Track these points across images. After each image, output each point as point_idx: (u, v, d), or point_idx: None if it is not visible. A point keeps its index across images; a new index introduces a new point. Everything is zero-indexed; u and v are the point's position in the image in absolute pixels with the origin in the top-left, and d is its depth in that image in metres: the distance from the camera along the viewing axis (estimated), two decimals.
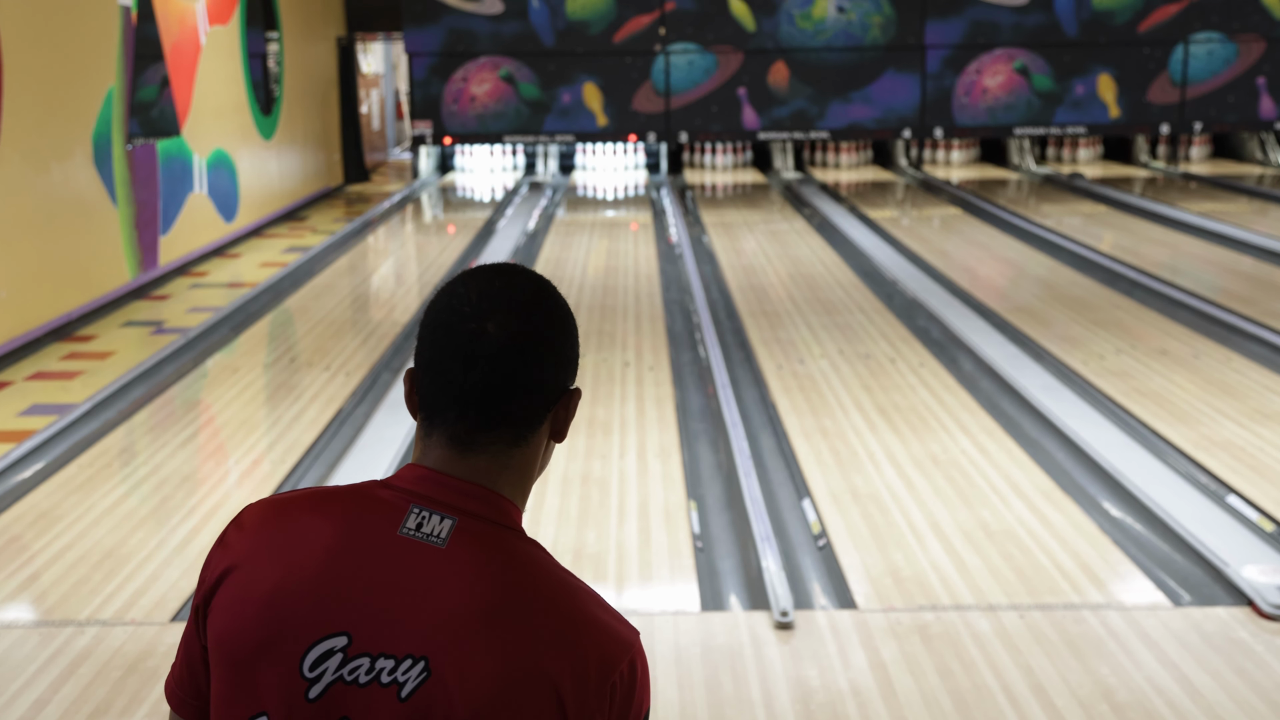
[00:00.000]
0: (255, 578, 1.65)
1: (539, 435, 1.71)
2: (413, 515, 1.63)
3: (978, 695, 4.36)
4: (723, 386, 7.97)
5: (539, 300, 1.69)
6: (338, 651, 1.59)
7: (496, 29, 19.02)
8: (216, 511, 6.18)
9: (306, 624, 1.61)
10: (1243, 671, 4.50)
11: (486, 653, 1.57)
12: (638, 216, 16.13)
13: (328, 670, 1.59)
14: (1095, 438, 6.84)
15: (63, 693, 4.45)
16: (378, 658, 1.58)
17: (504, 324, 1.64)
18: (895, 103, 19.43)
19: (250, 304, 10.82)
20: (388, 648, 1.58)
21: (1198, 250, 12.91)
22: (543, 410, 1.69)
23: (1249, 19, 19.20)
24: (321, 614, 1.61)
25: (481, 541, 1.64)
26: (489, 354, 1.64)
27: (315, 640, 1.60)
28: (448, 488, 1.65)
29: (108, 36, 10.77)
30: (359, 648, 1.59)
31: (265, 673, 1.62)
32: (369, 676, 1.58)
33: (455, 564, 1.61)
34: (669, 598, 5.20)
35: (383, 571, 1.61)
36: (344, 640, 1.59)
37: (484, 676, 1.56)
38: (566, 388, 1.72)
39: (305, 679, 1.59)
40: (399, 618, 1.59)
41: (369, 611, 1.60)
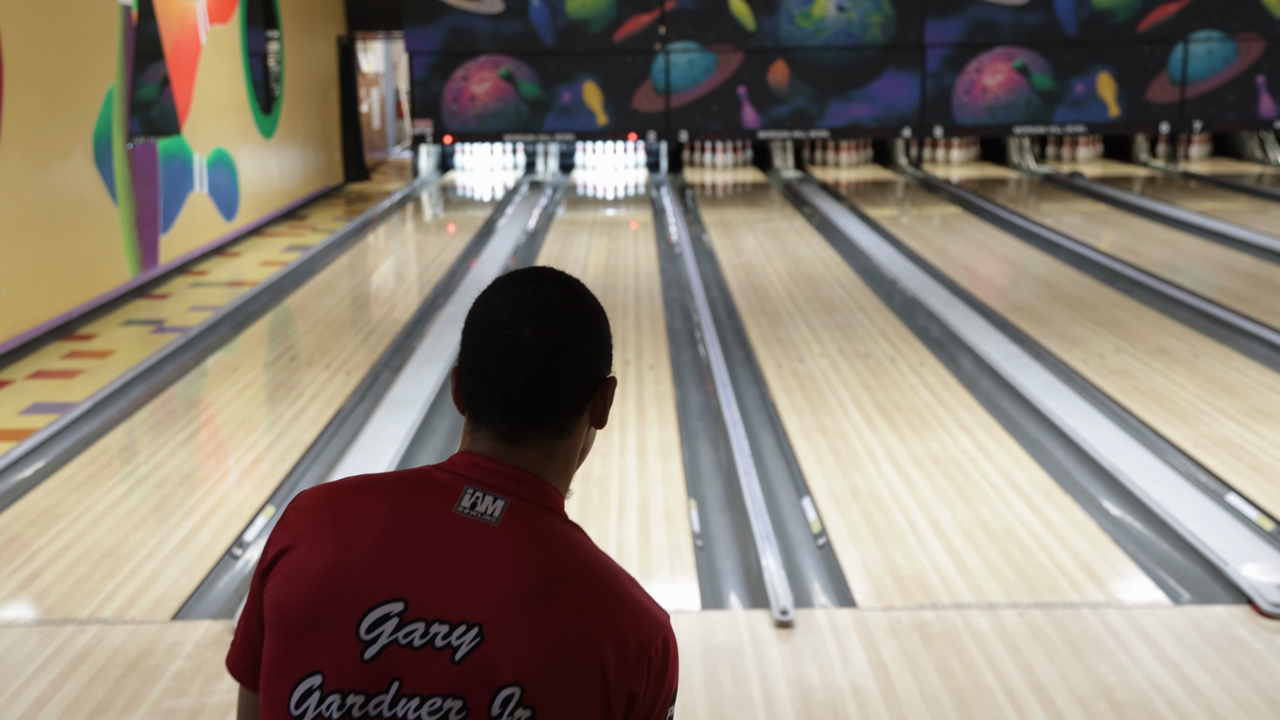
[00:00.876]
0: (313, 551, 1.75)
1: (580, 426, 1.84)
2: (467, 495, 1.75)
3: (977, 694, 4.36)
4: (722, 385, 7.97)
5: (570, 302, 1.81)
6: (394, 616, 1.69)
7: (496, 28, 19.02)
8: (217, 510, 6.18)
9: (363, 591, 1.70)
10: (1242, 670, 4.50)
11: (536, 624, 1.68)
12: (638, 215, 16.13)
13: (383, 633, 1.69)
14: (1095, 436, 6.84)
15: (63, 691, 4.46)
16: (432, 623, 1.68)
17: (539, 329, 1.76)
18: (895, 101, 19.43)
19: (250, 303, 10.82)
20: (443, 614, 1.69)
21: (1197, 249, 12.91)
22: (582, 403, 1.83)
23: (1248, 18, 19.19)
24: (378, 582, 1.71)
25: (530, 523, 1.75)
26: (527, 358, 1.76)
27: (372, 606, 1.70)
28: (499, 474, 1.77)
29: (108, 35, 10.77)
30: (415, 613, 1.69)
31: (320, 637, 1.71)
32: (423, 640, 1.68)
33: (506, 542, 1.72)
34: (669, 596, 5.20)
35: (438, 544, 1.72)
36: (400, 606, 1.69)
37: (534, 646, 1.67)
38: (603, 378, 1.85)
39: (361, 641, 1.69)
40: (454, 587, 1.70)
41: (425, 580, 1.70)
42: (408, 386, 7.98)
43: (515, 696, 1.66)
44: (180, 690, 4.45)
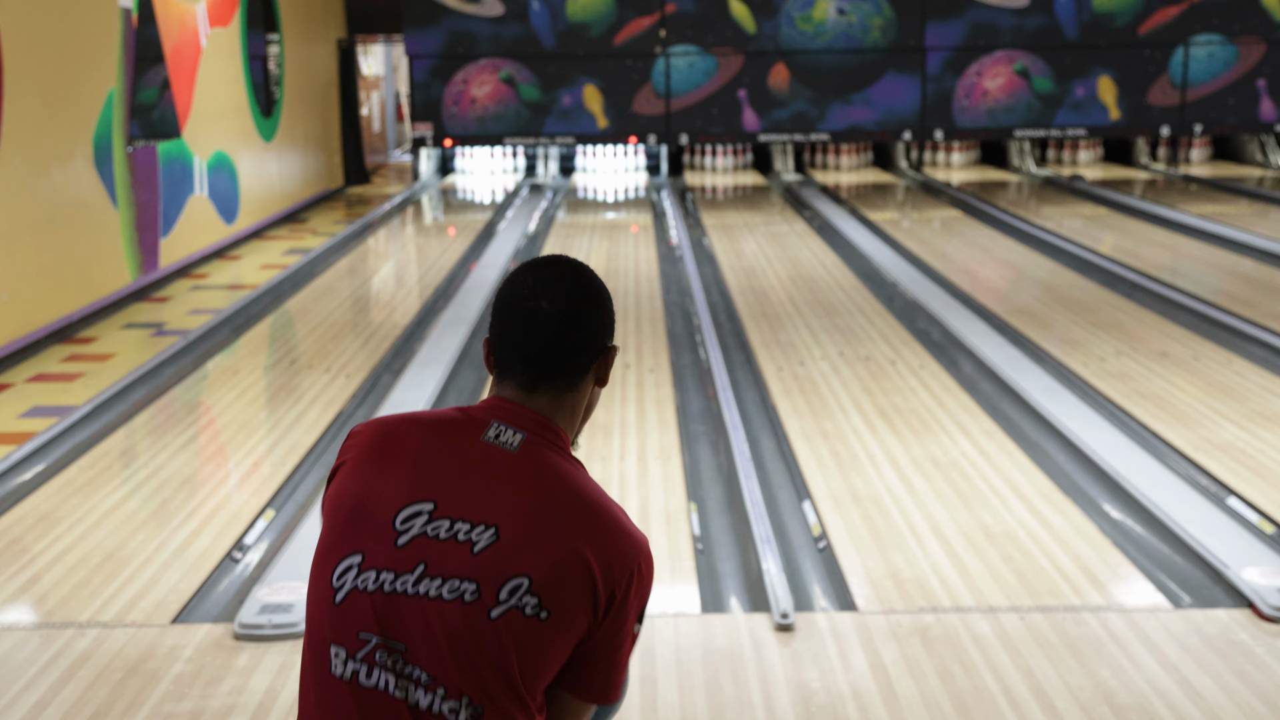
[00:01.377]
0: (362, 464, 2.19)
1: (586, 382, 2.26)
2: (493, 428, 2.18)
3: (978, 698, 4.35)
4: (723, 389, 7.97)
5: (578, 282, 2.24)
6: (424, 513, 2.09)
7: (497, 31, 19.02)
8: (217, 513, 6.18)
9: (400, 493, 2.12)
10: (1243, 674, 4.49)
11: (541, 535, 2.08)
12: (638, 218, 16.12)
13: (415, 526, 2.09)
14: (1095, 440, 6.83)
15: (63, 695, 4.45)
16: (456, 521, 2.09)
17: (553, 302, 2.20)
18: (895, 105, 19.42)
19: (251, 306, 10.82)
20: (466, 515, 2.09)
21: (1198, 252, 12.91)
22: (587, 364, 2.25)
23: (1249, 21, 19.19)
24: (413, 487, 2.12)
25: (542, 455, 2.17)
26: (544, 324, 2.20)
27: (406, 504, 2.11)
28: (519, 415, 2.20)
29: (108, 38, 10.77)
30: (442, 512, 2.10)
31: (363, 526, 2.12)
32: (448, 534, 2.08)
33: (522, 467, 2.14)
34: (669, 600, 5.19)
35: (466, 462, 2.14)
36: (430, 506, 2.10)
37: (538, 552, 2.07)
38: (605, 345, 2.27)
39: (395, 530, 2.09)
40: (476, 495, 2.11)
41: (452, 488, 2.11)
42: (408, 390, 7.97)
43: (524, 585, 2.05)
44: (180, 694, 4.45)
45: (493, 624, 2.04)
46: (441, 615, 2.04)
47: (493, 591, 2.04)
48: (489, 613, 2.04)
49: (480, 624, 2.04)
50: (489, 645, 2.04)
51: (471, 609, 2.04)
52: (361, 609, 2.07)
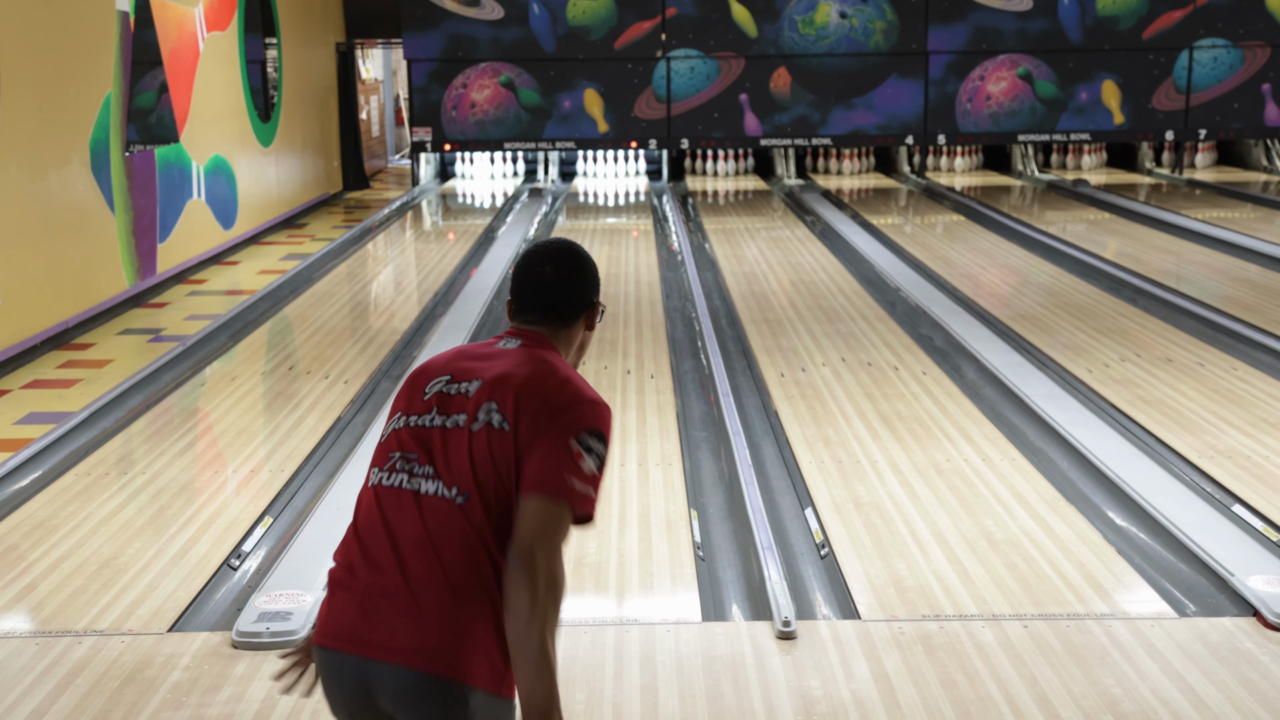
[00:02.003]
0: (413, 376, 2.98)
1: (576, 326, 3.02)
2: (502, 340, 2.97)
3: (981, 706, 4.32)
4: (724, 394, 7.93)
5: (571, 256, 3.03)
6: (442, 381, 2.87)
7: (496, 35, 19.00)
8: (214, 520, 6.14)
9: (430, 376, 2.91)
10: (1248, 682, 4.46)
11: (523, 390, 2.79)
12: (639, 223, 16.11)
13: (435, 389, 2.87)
14: (1099, 446, 6.79)
15: (60, 704, 4.42)
16: (461, 382, 2.85)
17: (555, 268, 3.00)
18: (898, 109, 19.40)
19: (248, 311, 10.79)
20: (467, 378, 2.85)
21: (1202, 258, 12.88)
22: (577, 312, 3.02)
23: (1254, 25, 19.17)
24: (438, 371, 2.91)
25: (532, 351, 2.91)
26: (546, 284, 3.00)
27: (434, 379, 2.89)
28: (524, 333, 2.98)
29: (105, 42, 10.74)
30: (453, 380, 2.87)
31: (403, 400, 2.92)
32: (455, 390, 2.84)
33: (514, 354, 2.90)
34: (670, 607, 5.16)
35: (478, 356, 2.92)
36: (447, 377, 2.88)
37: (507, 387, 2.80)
38: (591, 301, 3.04)
39: (423, 393, 2.88)
40: (478, 369, 2.87)
41: (464, 368, 2.89)
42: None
43: (494, 407, 2.77)
44: (178, 702, 4.42)
45: (474, 435, 2.76)
46: (443, 435, 2.79)
47: (474, 415, 2.78)
48: (471, 428, 2.77)
49: (465, 436, 2.77)
50: (472, 449, 2.75)
51: (462, 429, 2.78)
52: (392, 441, 2.87)
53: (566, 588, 2.70)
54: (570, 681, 4.52)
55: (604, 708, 4.36)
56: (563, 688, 4.47)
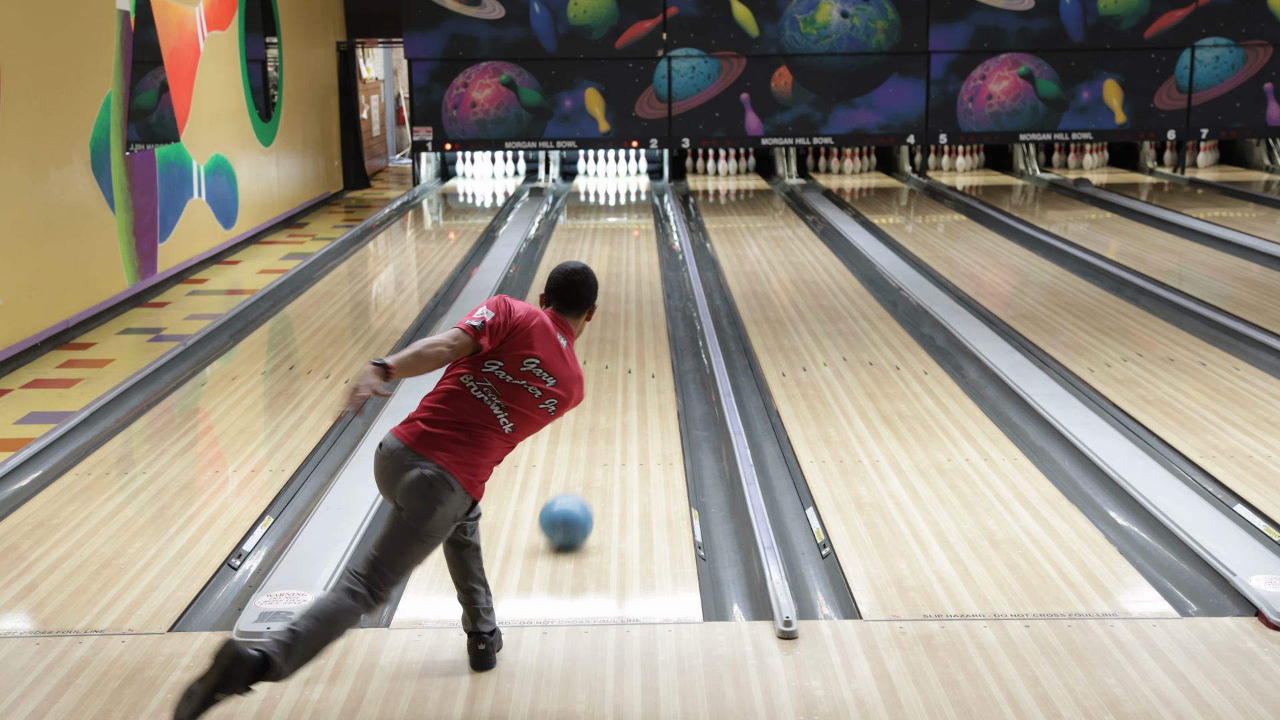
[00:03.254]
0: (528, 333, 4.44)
1: (583, 318, 4.62)
2: (560, 335, 4.51)
3: (983, 706, 4.31)
4: (725, 394, 7.93)
5: (586, 274, 4.59)
6: (534, 363, 4.40)
7: (497, 34, 19.00)
8: (215, 520, 6.14)
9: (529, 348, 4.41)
10: (1250, 682, 4.45)
11: (563, 381, 4.44)
12: (640, 223, 16.10)
13: (529, 367, 4.38)
14: (1101, 446, 6.79)
15: (60, 703, 4.41)
16: (546, 375, 4.40)
17: (581, 279, 4.58)
18: (899, 108, 19.40)
19: (249, 311, 10.78)
20: (550, 373, 4.41)
21: (1204, 257, 12.87)
22: (587, 306, 4.60)
23: (1256, 25, 19.16)
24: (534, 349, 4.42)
25: (572, 351, 4.55)
26: (577, 290, 4.56)
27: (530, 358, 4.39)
28: (563, 324, 4.56)
29: (106, 41, 10.74)
30: (541, 367, 4.40)
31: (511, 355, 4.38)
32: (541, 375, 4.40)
33: (568, 361, 4.49)
34: (671, 607, 5.16)
35: (558, 357, 4.46)
36: (538, 362, 4.40)
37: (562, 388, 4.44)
38: (594, 303, 4.63)
39: (521, 364, 4.37)
40: (556, 372, 4.44)
41: (549, 363, 4.42)
42: (408, 396, 7.91)
43: (554, 401, 4.45)
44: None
45: (538, 408, 4.41)
46: (520, 392, 4.37)
47: (543, 399, 4.41)
48: (538, 404, 4.41)
49: (534, 404, 4.40)
50: (532, 410, 4.41)
51: (535, 399, 4.39)
52: (488, 377, 4.37)
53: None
54: (571, 681, 4.52)
55: (605, 707, 4.35)
56: (564, 688, 4.47)
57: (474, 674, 4.57)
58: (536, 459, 6.88)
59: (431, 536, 4.29)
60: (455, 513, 4.31)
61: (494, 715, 4.31)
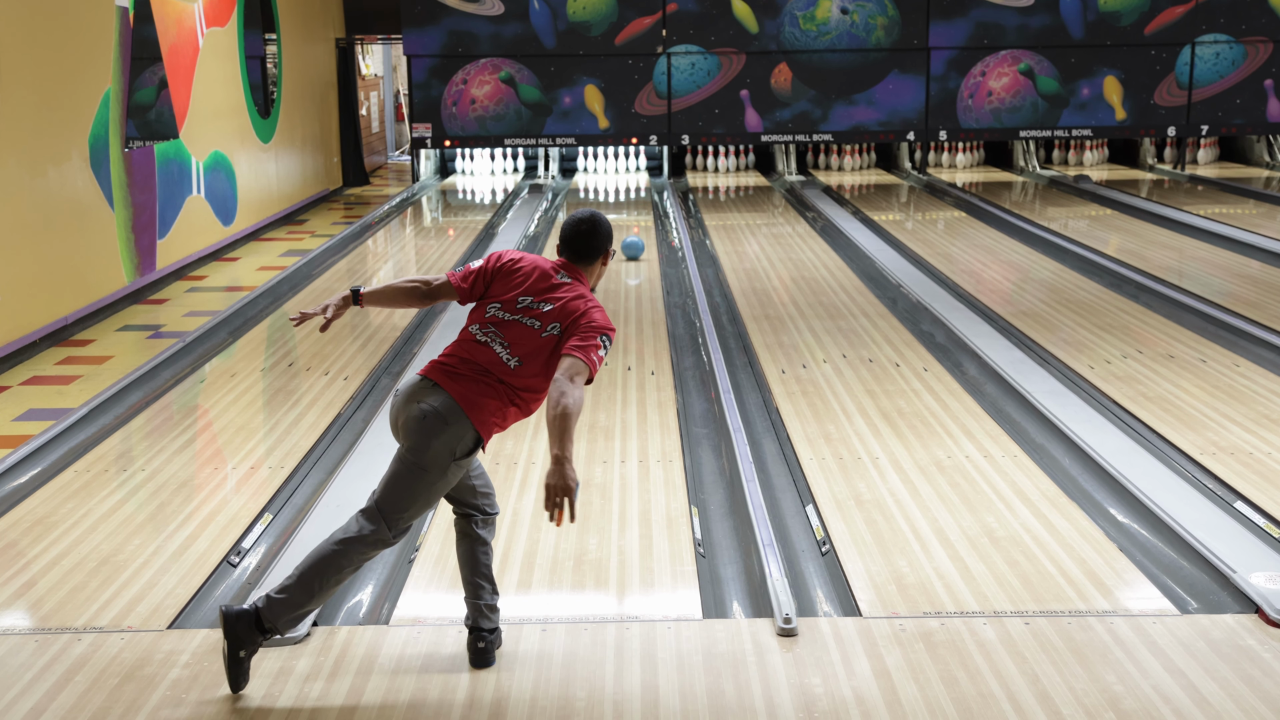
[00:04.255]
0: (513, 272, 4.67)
1: (595, 265, 4.71)
2: (560, 272, 4.63)
3: (983, 703, 4.31)
4: (725, 391, 7.92)
5: (594, 222, 4.68)
6: (529, 299, 4.56)
7: (497, 31, 18.99)
8: (214, 517, 6.13)
9: (523, 290, 4.59)
10: (1250, 679, 4.45)
11: (573, 319, 4.48)
12: (639, 219, 16.09)
13: (525, 301, 4.55)
14: (1101, 443, 6.78)
15: (59, 700, 4.41)
16: (541, 303, 4.55)
17: (589, 225, 4.68)
18: (899, 105, 19.39)
19: (248, 308, 10.78)
20: (545, 301, 4.54)
21: (1205, 254, 12.87)
22: (595, 256, 4.70)
23: (1256, 21, 19.15)
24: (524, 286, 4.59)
25: (575, 287, 4.60)
26: (584, 237, 4.67)
27: (523, 295, 4.57)
28: (570, 269, 4.66)
29: (105, 38, 10.73)
30: (536, 300, 4.55)
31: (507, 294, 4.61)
32: (537, 306, 4.54)
33: (570, 292, 4.56)
34: (671, 604, 5.16)
35: (550, 286, 4.58)
36: (531, 297, 4.56)
37: (570, 326, 4.48)
38: (605, 249, 4.71)
39: (516, 301, 4.57)
40: (551, 299, 4.55)
41: (541, 292, 4.57)
42: None
43: (556, 327, 4.49)
44: (177, 699, 4.40)
45: (541, 337, 4.49)
46: (521, 328, 4.51)
47: (544, 327, 4.50)
48: (540, 333, 4.49)
49: (535, 335, 4.50)
50: (536, 342, 4.49)
51: (534, 330, 4.50)
52: (490, 320, 4.56)
53: (582, 405, 4.31)
54: (571, 678, 4.51)
55: (604, 705, 4.34)
56: (563, 684, 4.47)
57: (473, 671, 4.56)
58: (536, 456, 6.88)
59: (428, 470, 4.40)
60: (452, 446, 4.40)
61: (493, 712, 4.31)
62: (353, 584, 5.40)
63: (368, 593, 5.37)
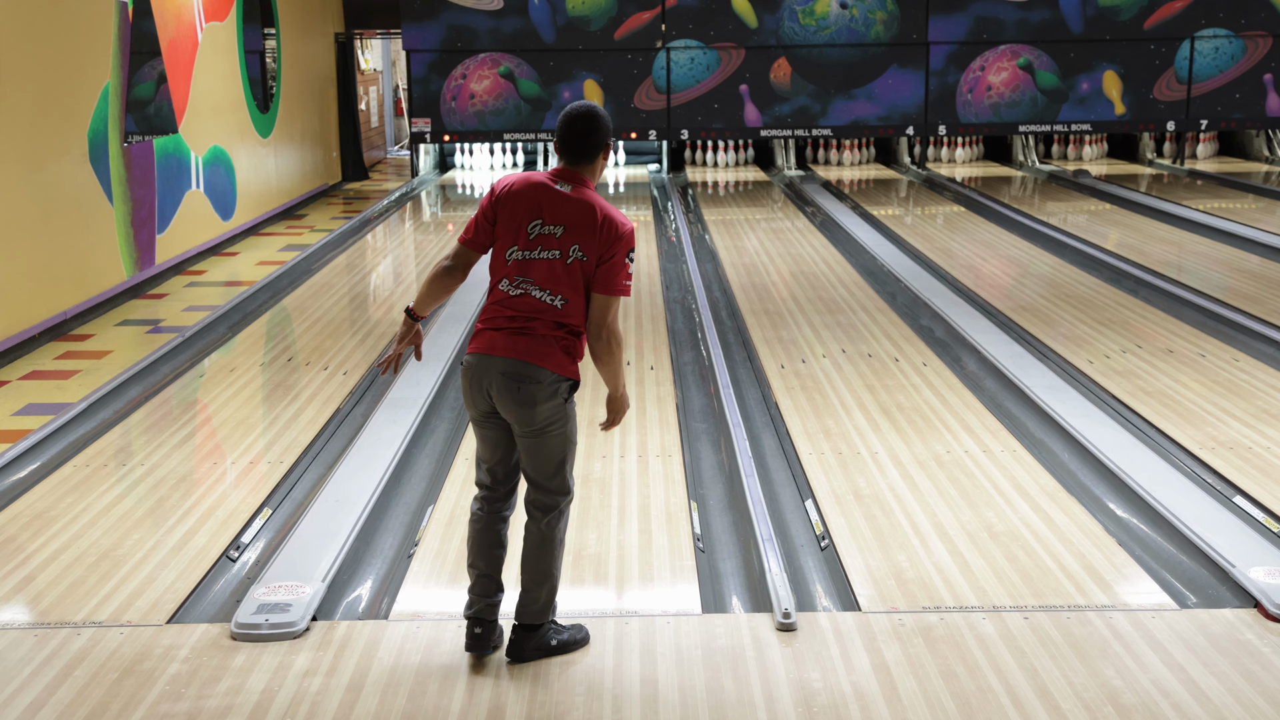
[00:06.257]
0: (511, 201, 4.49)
1: (597, 161, 4.53)
2: (558, 183, 4.47)
3: (982, 698, 4.31)
4: (724, 386, 7.92)
5: (592, 117, 4.47)
6: (539, 221, 4.44)
7: (496, 25, 18.97)
8: (213, 512, 6.13)
9: (528, 214, 4.46)
10: (1249, 674, 4.45)
11: (582, 225, 4.43)
12: (639, 214, 16.08)
13: (535, 229, 4.44)
14: (1100, 438, 6.78)
15: (58, 695, 4.41)
16: (549, 224, 4.43)
17: (583, 126, 4.47)
18: (899, 100, 19.37)
19: (248, 303, 10.77)
20: (554, 221, 4.43)
21: (1204, 248, 12.86)
22: (596, 153, 4.51)
23: (1255, 15, 19.14)
24: (534, 211, 4.45)
25: (579, 191, 4.47)
26: (577, 132, 4.47)
27: (531, 220, 4.45)
28: (569, 174, 4.49)
29: (104, 32, 10.72)
30: (545, 224, 4.43)
31: (517, 230, 4.46)
32: (549, 231, 4.43)
33: (578, 206, 4.43)
34: (670, 599, 5.16)
35: (555, 202, 4.45)
36: (540, 220, 4.43)
37: (580, 233, 4.42)
38: (605, 143, 4.51)
39: (527, 232, 4.45)
40: (556, 212, 4.43)
41: (550, 213, 4.43)
42: (407, 388, 7.92)
43: (578, 247, 4.41)
44: (177, 694, 4.40)
45: (567, 267, 4.43)
46: (548, 265, 4.42)
47: (566, 254, 4.43)
48: (565, 262, 4.42)
49: (562, 267, 4.42)
50: (567, 274, 4.42)
51: (558, 262, 4.42)
52: (514, 268, 4.45)
53: (622, 340, 4.52)
54: (569, 673, 4.51)
55: (604, 699, 4.34)
56: (562, 679, 4.47)
57: (472, 666, 4.56)
58: None
59: (549, 430, 4.47)
60: (553, 398, 4.43)
61: (492, 706, 4.31)
62: (351, 578, 5.40)
63: (367, 587, 5.37)
